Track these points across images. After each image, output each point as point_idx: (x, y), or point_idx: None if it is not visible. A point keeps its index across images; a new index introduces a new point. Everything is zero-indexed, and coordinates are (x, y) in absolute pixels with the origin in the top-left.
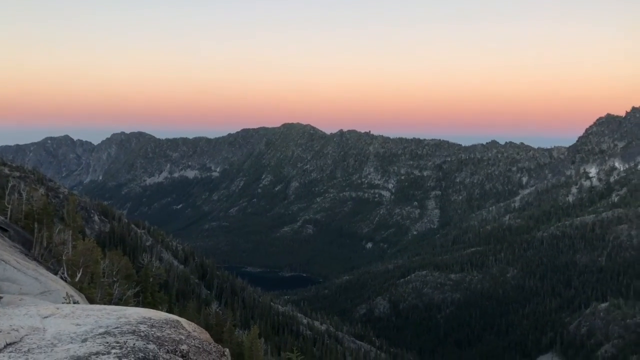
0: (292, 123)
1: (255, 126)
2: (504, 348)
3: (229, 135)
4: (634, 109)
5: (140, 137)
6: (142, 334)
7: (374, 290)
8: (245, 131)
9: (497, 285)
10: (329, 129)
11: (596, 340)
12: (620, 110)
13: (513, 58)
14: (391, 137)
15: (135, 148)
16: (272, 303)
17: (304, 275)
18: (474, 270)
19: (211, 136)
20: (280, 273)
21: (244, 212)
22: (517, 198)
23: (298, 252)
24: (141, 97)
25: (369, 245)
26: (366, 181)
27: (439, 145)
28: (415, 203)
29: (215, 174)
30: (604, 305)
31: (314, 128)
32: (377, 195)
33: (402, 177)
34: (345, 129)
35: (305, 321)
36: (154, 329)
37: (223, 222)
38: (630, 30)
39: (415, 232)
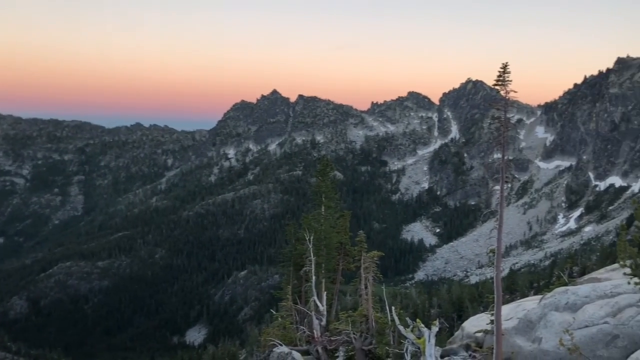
0: None
1: None
2: (154, 327)
3: None
4: (262, 97)
5: None
6: None
7: (9, 291)
8: None
9: (146, 267)
10: None
11: (237, 306)
12: (253, 98)
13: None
14: (24, 118)
15: None
16: None
17: None
18: (122, 255)
19: None
20: None
21: None
22: (163, 180)
23: None
24: None
25: (1, 240)
26: None
27: (81, 127)
28: (56, 190)
29: None
30: (243, 273)
31: None
32: (8, 183)
33: (39, 162)
34: None
35: None
36: None
37: None
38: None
39: (57, 221)
